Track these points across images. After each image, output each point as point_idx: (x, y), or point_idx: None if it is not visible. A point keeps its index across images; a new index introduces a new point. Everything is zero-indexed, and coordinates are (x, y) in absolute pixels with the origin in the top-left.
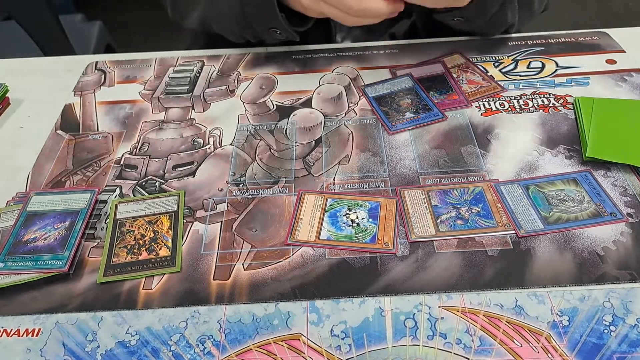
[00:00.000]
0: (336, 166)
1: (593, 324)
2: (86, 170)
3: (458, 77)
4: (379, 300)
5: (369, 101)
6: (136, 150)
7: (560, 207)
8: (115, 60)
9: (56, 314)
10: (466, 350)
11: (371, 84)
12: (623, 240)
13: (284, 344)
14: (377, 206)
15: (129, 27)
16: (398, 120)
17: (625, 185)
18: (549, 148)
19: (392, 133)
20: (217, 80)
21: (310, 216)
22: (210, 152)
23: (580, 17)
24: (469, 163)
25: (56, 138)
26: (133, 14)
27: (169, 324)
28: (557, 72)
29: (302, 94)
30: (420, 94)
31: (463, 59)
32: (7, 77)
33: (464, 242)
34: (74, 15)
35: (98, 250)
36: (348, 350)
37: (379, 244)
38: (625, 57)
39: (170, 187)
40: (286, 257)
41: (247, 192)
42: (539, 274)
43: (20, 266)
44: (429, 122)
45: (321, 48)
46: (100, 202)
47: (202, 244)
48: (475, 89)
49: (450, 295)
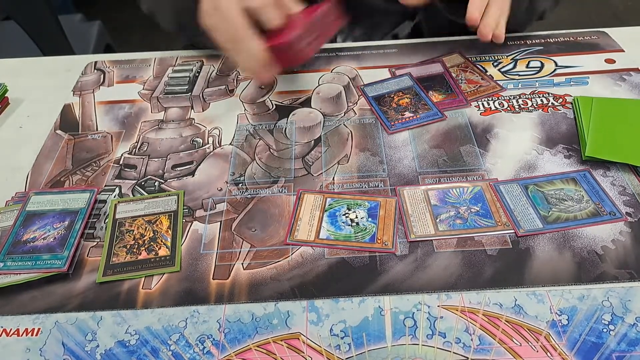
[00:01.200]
0: (335, 166)
1: (592, 323)
2: (85, 170)
3: (457, 77)
4: (378, 300)
5: (368, 101)
6: (135, 150)
7: (560, 206)
8: (114, 60)
9: (56, 314)
10: (465, 350)
11: (370, 84)
12: (622, 239)
13: (283, 344)
14: (376, 205)
15: (128, 27)
16: (397, 119)
17: (624, 184)
18: (548, 147)
19: (392, 132)
20: (217, 80)
21: (309, 215)
22: (210, 152)
23: (579, 16)
24: (468, 162)
25: (55, 138)
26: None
27: (168, 323)
28: (556, 72)
29: (301, 93)
30: (420, 93)
31: (462, 58)
32: (6, 77)
33: (463, 241)
34: (73, 15)
35: (97, 250)
36: (347, 350)
37: (378, 243)
38: (624, 56)
39: (169, 186)
40: (285, 257)
41: (247, 192)
42: (538, 273)
43: (19, 266)
44: (428, 122)
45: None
46: (99, 201)
47: (202, 243)
48: (474, 89)
49: (450, 295)
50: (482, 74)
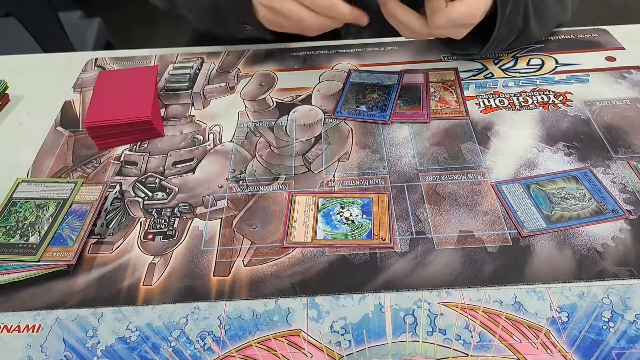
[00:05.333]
0: (336, 163)
1: (592, 320)
2: (86, 166)
3: (434, 92)
4: (378, 297)
5: (346, 84)
6: (136, 146)
7: (562, 205)
8: (114, 57)
9: (56, 310)
10: (465, 346)
11: (362, 71)
12: (622, 236)
13: (284, 340)
14: (369, 202)
15: (128, 23)
16: (349, 108)
17: (624, 182)
18: (549, 145)
19: (332, 117)
20: (217, 77)
21: (303, 217)
22: (210, 149)
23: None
24: (468, 160)
25: (56, 135)
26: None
27: (169, 320)
28: (556, 69)
29: (301, 91)
30: (391, 95)
31: (453, 76)
32: (6, 74)
33: (464, 238)
34: (73, 12)
35: (97, 247)
36: (348, 346)
37: (375, 239)
38: (624, 54)
39: (170, 183)
40: (286, 254)
41: (247, 189)
42: (538, 271)
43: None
44: (370, 120)
45: (321, 45)
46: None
47: (202, 240)
48: (440, 109)
49: (450, 292)
50: (460, 97)
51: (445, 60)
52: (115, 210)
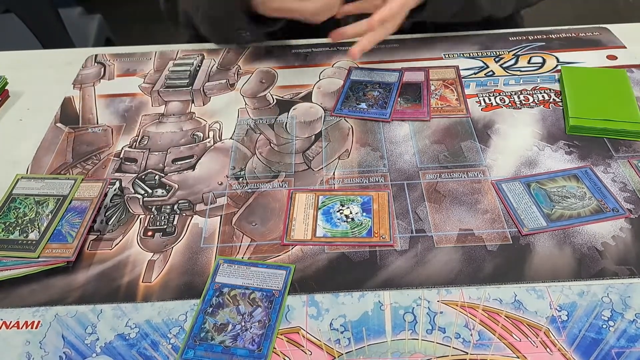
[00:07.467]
0: (336, 160)
1: (592, 318)
2: (86, 163)
3: (435, 90)
4: (378, 295)
5: (346, 82)
6: (136, 143)
7: (563, 203)
8: (115, 54)
9: (56, 307)
10: (465, 345)
11: (363, 68)
12: (622, 235)
13: (283, 338)
14: (369, 200)
15: (128, 20)
16: (349, 106)
17: (624, 180)
18: (549, 143)
19: (333, 115)
20: (217, 74)
21: (303, 215)
22: (210, 146)
23: (581, 12)
24: (469, 158)
25: (56, 131)
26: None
27: (168, 317)
28: (558, 68)
29: (302, 88)
30: (392, 93)
31: (455, 74)
32: (6, 70)
33: (464, 237)
34: (73, 8)
35: (97, 243)
36: (347, 344)
37: (375, 237)
38: (626, 52)
39: (170, 180)
40: (286, 251)
41: (247, 186)
42: (538, 269)
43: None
44: (370, 118)
45: (321, 42)
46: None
47: (202, 237)
48: (441, 107)
49: (450, 290)
50: (461, 95)
51: (446, 58)
52: (115, 207)
